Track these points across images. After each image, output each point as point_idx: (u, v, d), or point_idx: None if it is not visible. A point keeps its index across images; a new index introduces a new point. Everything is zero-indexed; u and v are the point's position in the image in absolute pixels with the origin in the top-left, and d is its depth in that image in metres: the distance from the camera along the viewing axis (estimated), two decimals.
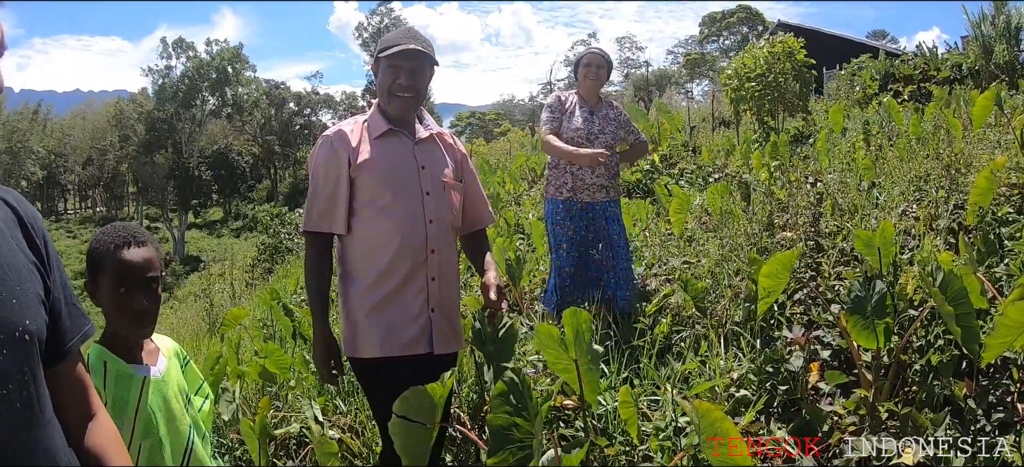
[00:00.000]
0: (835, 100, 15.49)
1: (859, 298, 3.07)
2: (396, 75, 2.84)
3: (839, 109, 11.23)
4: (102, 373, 2.05)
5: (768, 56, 12.05)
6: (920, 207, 5.09)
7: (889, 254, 3.67)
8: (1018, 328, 2.46)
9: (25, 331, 1.33)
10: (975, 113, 6.02)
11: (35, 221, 1.49)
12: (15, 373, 1.30)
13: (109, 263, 2.05)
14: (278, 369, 4.41)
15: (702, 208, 7.14)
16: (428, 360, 2.81)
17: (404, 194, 2.79)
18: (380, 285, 2.77)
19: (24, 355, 1.33)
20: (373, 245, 2.78)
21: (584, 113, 4.89)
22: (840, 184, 5.90)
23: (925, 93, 13.96)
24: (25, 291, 1.36)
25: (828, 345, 3.66)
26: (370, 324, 2.76)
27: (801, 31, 19.98)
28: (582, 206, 4.78)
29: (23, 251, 1.41)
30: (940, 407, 3.13)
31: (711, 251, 5.32)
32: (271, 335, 6.86)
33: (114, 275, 2.04)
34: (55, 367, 1.46)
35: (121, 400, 2.05)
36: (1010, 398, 3.12)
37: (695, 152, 12.22)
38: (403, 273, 2.77)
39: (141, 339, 2.16)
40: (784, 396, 3.35)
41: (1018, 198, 4.88)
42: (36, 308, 1.38)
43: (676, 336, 4.12)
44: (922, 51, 19.92)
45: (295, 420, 4.31)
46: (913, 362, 3.39)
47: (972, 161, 5.68)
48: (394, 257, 2.76)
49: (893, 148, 7.59)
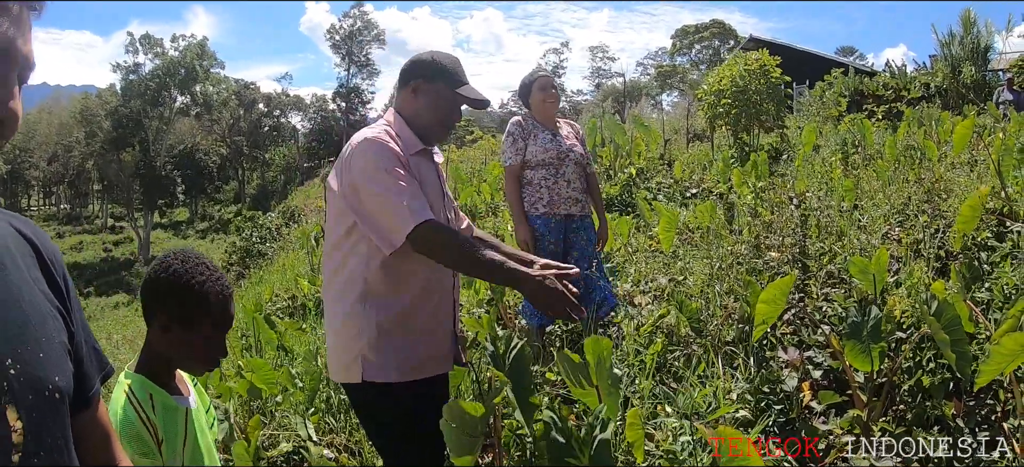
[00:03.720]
0: (807, 117, 15.72)
1: (856, 323, 3.17)
2: (455, 112, 2.79)
3: (813, 128, 11.41)
4: (150, 405, 1.95)
5: (745, 73, 12.21)
6: (903, 231, 5.22)
7: (883, 280, 3.79)
8: (1011, 356, 2.58)
9: (55, 388, 1.19)
10: (956, 139, 6.21)
11: (55, 256, 1.34)
12: (46, 438, 1.16)
13: (216, 309, 2.01)
14: (265, 385, 4.37)
15: (685, 225, 7.24)
16: (443, 378, 2.84)
17: (437, 214, 2.66)
18: (419, 307, 2.68)
19: (55, 416, 1.19)
20: (410, 266, 2.62)
21: (547, 134, 4.79)
22: (822, 206, 6.03)
23: (897, 112, 14.22)
24: (51, 342, 1.22)
25: (819, 365, 3.76)
26: (405, 347, 2.65)
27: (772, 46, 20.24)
28: (560, 219, 4.76)
29: (44, 293, 1.27)
30: (930, 426, 3.25)
31: (698, 269, 5.41)
32: (248, 347, 6.75)
33: (219, 321, 2.03)
34: (78, 416, 1.32)
35: (173, 434, 1.98)
36: (995, 417, 3.26)
37: (669, 165, 12.33)
38: (437, 293, 2.73)
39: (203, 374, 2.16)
40: (779, 415, 3.44)
41: (995, 224, 5.03)
42: (63, 360, 1.24)
43: (670, 355, 4.19)
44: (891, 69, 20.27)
45: (284, 438, 4.27)
46: (902, 382, 3.50)
47: (952, 187, 5.83)
48: (431, 278, 2.69)
49: (869, 168, 7.75)
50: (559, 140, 4.79)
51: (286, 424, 4.40)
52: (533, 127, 4.78)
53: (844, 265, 4.84)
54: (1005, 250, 4.48)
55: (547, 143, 4.73)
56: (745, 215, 6.57)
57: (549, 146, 4.72)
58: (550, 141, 4.75)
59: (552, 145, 4.73)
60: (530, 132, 4.75)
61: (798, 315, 4.36)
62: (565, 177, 4.75)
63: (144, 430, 1.89)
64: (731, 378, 3.73)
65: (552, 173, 4.72)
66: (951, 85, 16.76)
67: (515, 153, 4.74)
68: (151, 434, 1.91)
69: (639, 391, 3.69)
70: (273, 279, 12.65)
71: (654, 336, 4.32)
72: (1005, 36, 16.55)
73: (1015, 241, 4.54)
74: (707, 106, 13.00)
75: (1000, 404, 3.26)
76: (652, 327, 4.38)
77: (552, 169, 4.72)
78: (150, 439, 1.90)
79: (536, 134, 4.75)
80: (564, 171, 4.74)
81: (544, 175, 4.72)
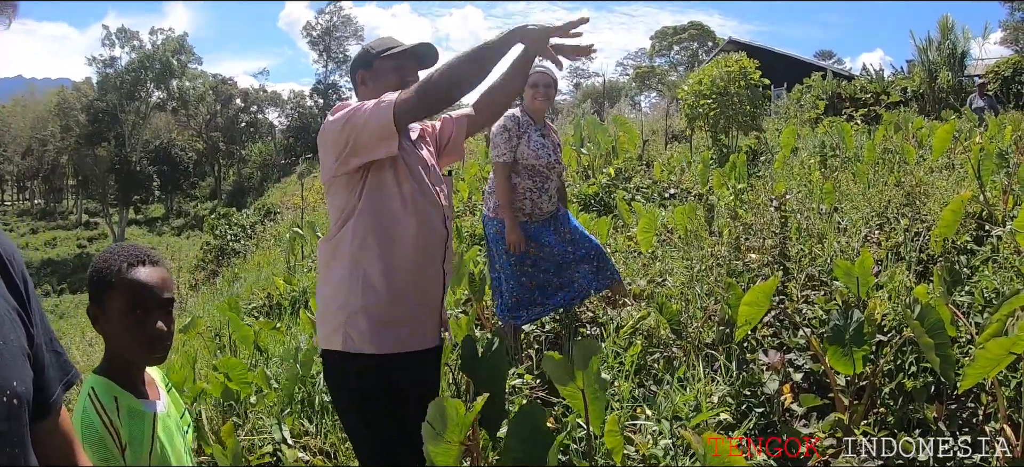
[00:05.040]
0: (786, 119, 15.80)
1: (838, 327, 3.15)
2: (404, 75, 2.76)
3: (792, 130, 11.45)
4: (115, 409, 1.88)
5: (725, 75, 12.27)
6: (883, 234, 5.22)
7: (869, 283, 3.78)
8: (995, 361, 2.56)
9: (13, 394, 1.15)
10: (936, 143, 6.23)
11: (14, 257, 1.30)
12: (5, 445, 1.13)
13: (122, 284, 1.89)
14: (240, 386, 4.28)
15: (664, 225, 7.21)
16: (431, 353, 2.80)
17: (424, 184, 2.69)
18: (410, 283, 2.65)
19: (13, 424, 1.15)
20: (396, 235, 2.63)
21: (538, 136, 4.72)
22: (802, 207, 6.02)
23: (875, 116, 14.33)
24: (10, 346, 1.18)
25: (800, 368, 3.74)
26: (390, 321, 2.62)
27: (751, 49, 20.39)
28: (537, 225, 4.71)
29: (3, 296, 1.23)
30: (912, 429, 3.24)
31: (677, 270, 5.38)
32: (222, 346, 6.66)
33: (129, 297, 1.89)
34: (39, 424, 1.28)
35: (138, 439, 1.90)
36: (976, 420, 3.25)
37: (648, 166, 12.32)
38: (425, 265, 2.69)
39: (156, 365, 2.04)
40: (760, 418, 3.41)
41: (974, 228, 5.04)
42: (23, 365, 1.20)
43: (650, 357, 4.16)
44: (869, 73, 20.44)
45: (260, 441, 4.18)
46: (884, 385, 3.48)
47: (931, 190, 5.84)
48: (419, 248, 2.66)
49: (848, 172, 7.77)
50: (548, 146, 4.72)
51: (261, 426, 4.32)
52: (527, 124, 4.69)
53: (824, 268, 4.83)
54: (985, 254, 4.48)
55: (538, 147, 4.65)
56: (725, 217, 6.55)
57: (540, 152, 4.65)
58: (541, 146, 4.67)
59: (542, 152, 4.66)
60: (524, 129, 4.67)
61: (779, 317, 4.33)
62: (548, 191, 4.72)
63: (107, 435, 1.84)
64: (712, 381, 3.69)
65: (538, 185, 4.66)
66: (928, 90, 16.91)
67: (508, 149, 4.65)
68: (114, 439, 1.85)
69: (618, 394, 3.65)
70: (248, 277, 12.51)
71: (634, 338, 4.27)
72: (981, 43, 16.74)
73: (995, 245, 4.55)
74: (687, 106, 13.03)
75: (982, 407, 3.26)
76: (632, 329, 4.34)
77: (538, 180, 4.66)
78: (113, 444, 1.84)
79: (529, 133, 4.66)
80: (547, 186, 4.71)
81: (530, 186, 4.65)
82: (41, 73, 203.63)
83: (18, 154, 63.59)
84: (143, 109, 59.60)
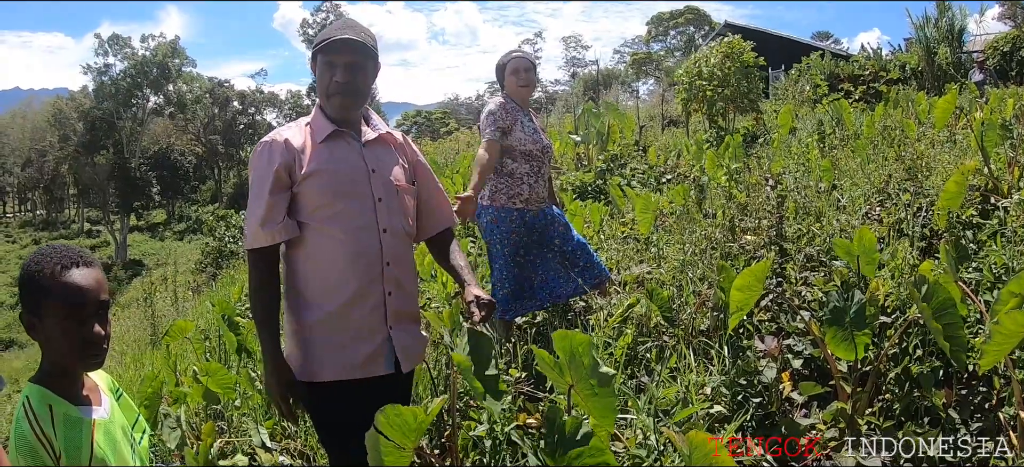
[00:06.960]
0: (784, 100, 15.62)
1: (838, 309, 2.94)
2: (332, 72, 2.60)
3: (789, 110, 11.26)
4: (49, 418, 1.80)
5: (722, 57, 12.13)
6: (884, 211, 5.02)
7: (873, 261, 3.57)
8: (1013, 336, 2.37)
9: None
10: (938, 115, 6.02)
11: None
12: None
13: (55, 287, 1.81)
14: (222, 389, 4.15)
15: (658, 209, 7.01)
16: (388, 380, 2.62)
17: (355, 202, 2.55)
18: (332, 301, 2.53)
19: None
20: (323, 259, 2.52)
21: (528, 121, 4.65)
22: (799, 186, 5.82)
23: (874, 93, 14.16)
24: None
25: (799, 354, 3.54)
26: (323, 345, 2.54)
27: (747, 32, 20.23)
28: (535, 214, 4.61)
29: None
30: (919, 417, 3.04)
31: (671, 254, 5.18)
32: (213, 349, 6.52)
33: (63, 301, 1.81)
34: None
35: (74, 447, 1.82)
36: (989, 406, 3.04)
37: (644, 151, 12.16)
38: (357, 287, 2.54)
39: (92, 370, 1.94)
40: (757, 409, 3.21)
41: (979, 201, 4.85)
42: None
43: (641, 346, 3.96)
44: (867, 52, 20.26)
45: (240, 445, 4.05)
46: (888, 371, 3.28)
47: (933, 164, 5.64)
48: (347, 270, 2.52)
49: (847, 148, 7.57)
50: (539, 130, 4.68)
51: (244, 429, 4.18)
52: (516, 111, 4.60)
53: (823, 247, 4.63)
54: (992, 227, 4.27)
55: (531, 132, 4.59)
56: (719, 197, 6.34)
57: (534, 136, 4.59)
58: (533, 130, 4.62)
59: (536, 136, 4.61)
60: (514, 116, 4.57)
61: (776, 301, 4.13)
62: (543, 175, 4.66)
63: (38, 444, 1.76)
64: (705, 371, 3.49)
65: (534, 170, 4.58)
66: (926, 67, 16.74)
67: (496, 130, 4.50)
68: (46, 449, 1.77)
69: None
70: (242, 278, 12.37)
71: (624, 327, 4.08)
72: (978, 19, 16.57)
73: (1002, 218, 4.34)
74: (683, 89, 12.89)
75: (995, 392, 3.05)
76: (621, 318, 4.15)
77: (535, 165, 4.58)
78: (45, 454, 1.77)
79: (519, 120, 4.58)
80: (543, 170, 4.65)
81: (527, 171, 4.56)
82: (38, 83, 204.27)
83: (18, 166, 63.63)
84: (140, 115, 59.45)
